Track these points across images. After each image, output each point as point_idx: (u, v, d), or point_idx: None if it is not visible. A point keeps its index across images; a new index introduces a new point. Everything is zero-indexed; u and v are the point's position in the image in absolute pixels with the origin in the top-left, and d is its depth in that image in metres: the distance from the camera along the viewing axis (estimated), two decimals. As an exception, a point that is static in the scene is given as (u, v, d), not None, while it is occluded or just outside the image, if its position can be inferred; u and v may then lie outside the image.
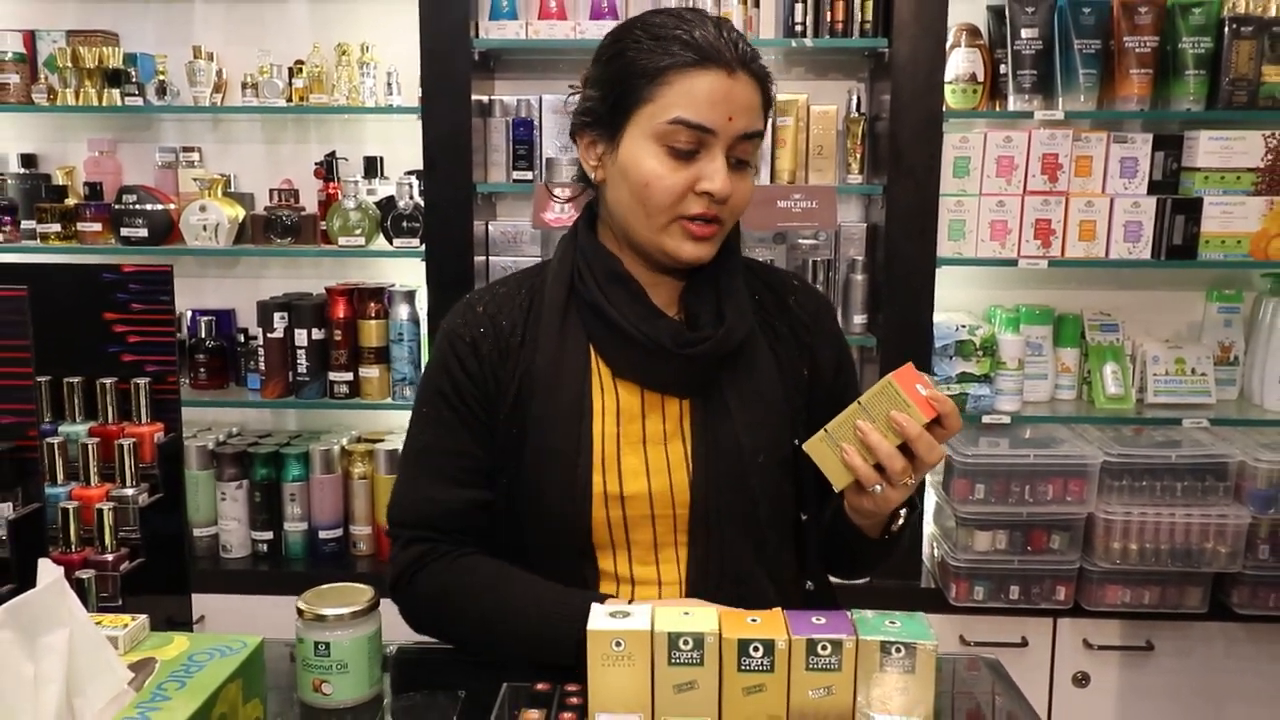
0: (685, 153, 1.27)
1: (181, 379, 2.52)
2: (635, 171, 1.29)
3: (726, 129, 1.27)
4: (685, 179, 1.28)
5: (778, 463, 1.38)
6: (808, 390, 1.44)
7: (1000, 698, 1.32)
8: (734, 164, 1.30)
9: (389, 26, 2.76)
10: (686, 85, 1.26)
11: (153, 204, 2.70)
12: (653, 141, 1.28)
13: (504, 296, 1.43)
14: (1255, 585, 2.47)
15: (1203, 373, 2.67)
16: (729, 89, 1.27)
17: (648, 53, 1.28)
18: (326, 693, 1.23)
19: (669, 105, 1.27)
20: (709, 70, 1.26)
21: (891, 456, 1.22)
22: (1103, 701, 2.56)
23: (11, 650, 0.86)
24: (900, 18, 2.47)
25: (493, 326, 1.39)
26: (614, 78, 1.31)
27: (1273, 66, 2.53)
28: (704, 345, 1.33)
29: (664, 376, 1.36)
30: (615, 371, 1.37)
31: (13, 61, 2.71)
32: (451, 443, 1.38)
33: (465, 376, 1.37)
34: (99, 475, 1.26)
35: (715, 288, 1.38)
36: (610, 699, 1.08)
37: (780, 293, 1.48)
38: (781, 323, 1.45)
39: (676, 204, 1.29)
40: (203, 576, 2.63)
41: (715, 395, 1.36)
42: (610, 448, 1.35)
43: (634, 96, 1.29)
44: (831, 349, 1.48)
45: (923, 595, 2.58)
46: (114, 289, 1.29)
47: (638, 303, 1.35)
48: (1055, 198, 2.59)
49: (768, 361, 1.41)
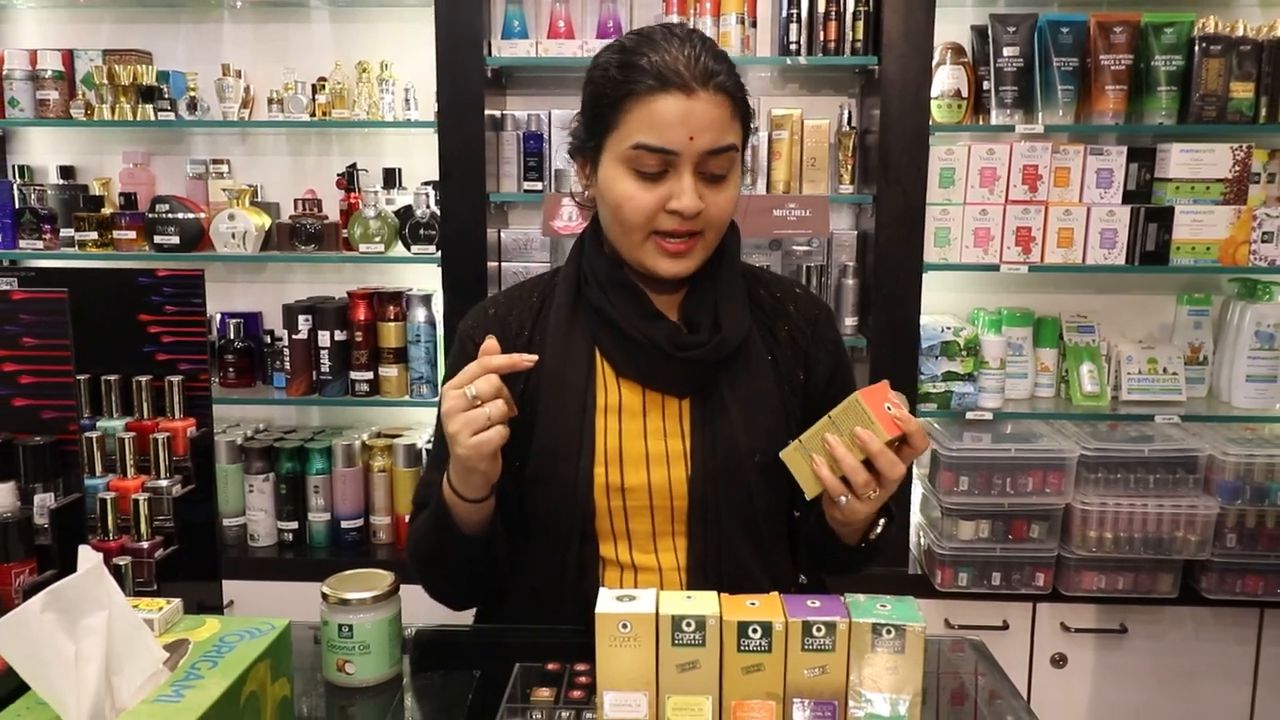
0: (653, 175, 1.26)
1: (212, 377, 2.54)
2: (609, 193, 1.29)
3: (689, 148, 1.25)
4: (655, 199, 1.26)
5: (773, 461, 1.37)
6: (804, 393, 1.43)
7: (983, 677, 1.32)
8: (709, 179, 1.28)
9: (407, 45, 2.77)
10: (646, 111, 1.25)
11: (184, 213, 2.71)
12: (622, 165, 1.28)
13: (515, 300, 1.45)
14: (1223, 572, 2.47)
15: (1174, 372, 2.67)
16: (687, 110, 1.24)
17: (612, 81, 1.27)
18: (349, 672, 1.23)
19: (631, 131, 1.26)
20: (667, 94, 1.24)
21: (855, 470, 1.20)
22: (1079, 681, 2.56)
23: (54, 631, 0.86)
24: (889, 37, 2.47)
25: (501, 328, 1.40)
26: (588, 104, 1.32)
27: (1240, 83, 2.53)
28: (698, 350, 1.33)
29: (663, 376, 1.36)
30: (618, 371, 1.37)
31: (52, 79, 2.71)
32: None
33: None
34: (135, 468, 1.26)
35: (714, 294, 1.37)
36: (617, 678, 1.08)
37: (781, 299, 1.47)
38: (780, 328, 1.44)
39: (649, 222, 1.28)
40: (232, 563, 2.64)
41: (714, 395, 1.36)
42: (613, 442, 1.35)
43: (603, 123, 1.29)
44: (829, 355, 1.46)
45: (910, 581, 2.59)
46: (148, 292, 1.29)
47: (639, 306, 1.35)
48: (1035, 207, 2.58)
49: (765, 365, 1.40)
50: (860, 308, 2.66)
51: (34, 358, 1.05)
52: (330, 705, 1.22)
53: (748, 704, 1.08)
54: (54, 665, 0.85)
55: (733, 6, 2.57)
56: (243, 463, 2.71)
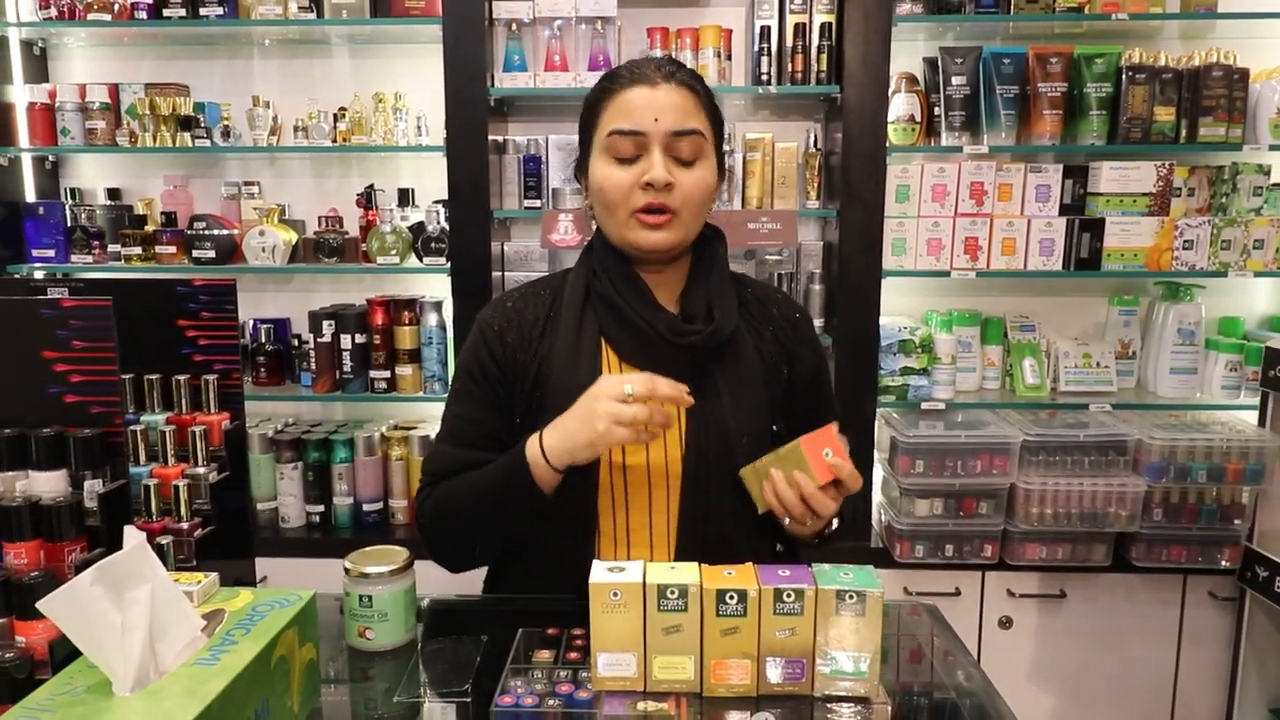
0: (629, 159, 1.31)
1: (244, 376, 2.53)
2: (594, 181, 1.35)
3: (655, 129, 1.30)
4: (631, 177, 1.31)
5: (758, 443, 1.38)
6: (787, 385, 1.44)
7: (938, 638, 1.32)
8: (679, 162, 1.32)
9: (418, 78, 2.76)
10: (618, 103, 1.32)
11: (219, 230, 2.70)
12: (603, 154, 1.33)
13: (530, 294, 1.46)
14: (1150, 542, 2.48)
15: (1106, 365, 2.68)
16: (652, 96, 1.31)
17: (595, 92, 1.36)
18: (369, 638, 1.23)
19: (607, 122, 1.33)
20: (635, 87, 1.32)
21: (793, 504, 1.26)
22: (1023, 641, 2.57)
23: (102, 603, 0.86)
24: (850, 68, 2.48)
25: (518, 318, 1.42)
26: (580, 123, 1.39)
27: (1163, 107, 2.54)
28: (695, 337, 1.34)
29: (663, 362, 1.34)
30: (622, 357, 1.38)
31: (100, 110, 2.70)
32: (471, 411, 1.41)
33: (490, 359, 1.40)
34: (175, 457, 1.26)
35: (707, 291, 1.39)
36: (609, 640, 1.09)
37: (765, 302, 1.49)
38: (765, 327, 1.46)
39: (628, 199, 1.32)
40: (264, 543, 2.63)
41: (708, 382, 1.37)
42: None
43: (589, 128, 1.37)
44: (809, 353, 1.48)
45: (872, 553, 2.59)
46: (186, 300, 1.28)
47: (643, 298, 1.36)
48: (981, 219, 2.59)
49: (753, 357, 1.41)
50: (826, 310, 2.67)
51: (83, 358, 1.05)
52: (352, 667, 1.22)
53: (726, 663, 1.09)
54: (103, 633, 0.85)
55: (710, 41, 2.58)
56: (274, 453, 2.71)
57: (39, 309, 1.04)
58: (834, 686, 1.09)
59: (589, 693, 1.08)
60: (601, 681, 1.09)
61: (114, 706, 0.82)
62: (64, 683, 0.86)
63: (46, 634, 0.96)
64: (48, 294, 1.09)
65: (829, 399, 1.51)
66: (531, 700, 1.06)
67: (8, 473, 1.04)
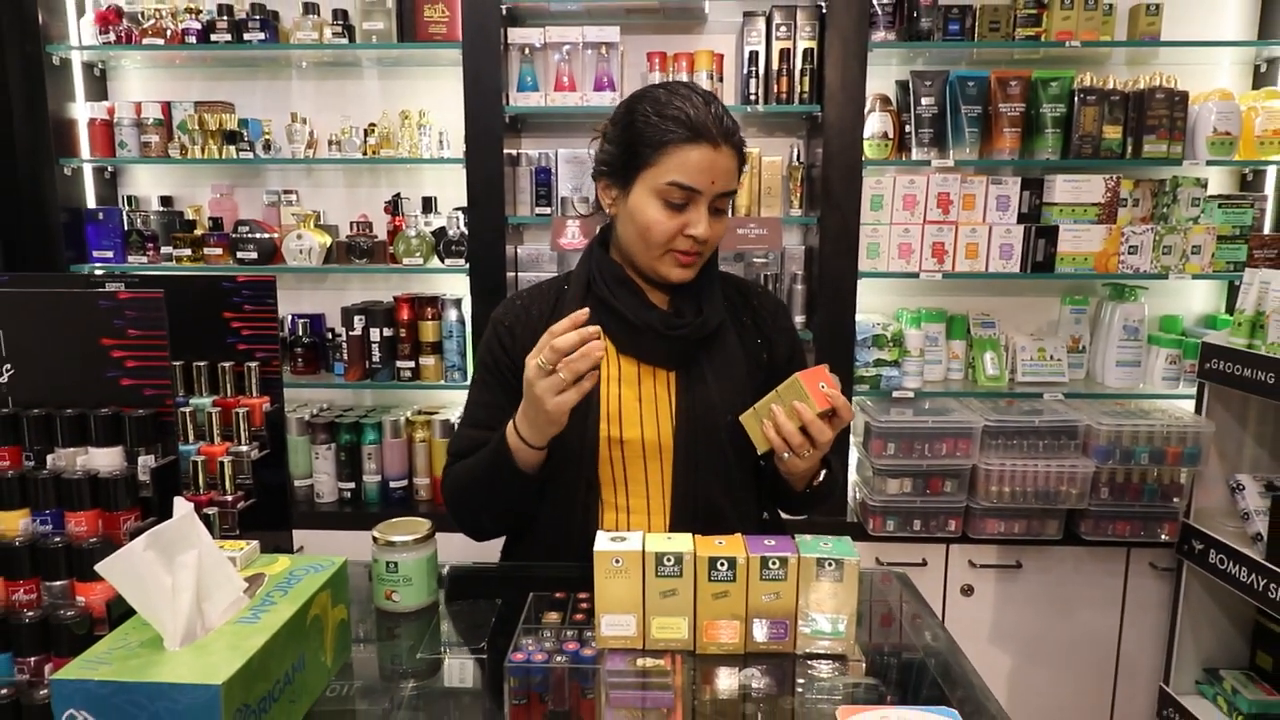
0: (677, 205, 1.29)
1: (283, 366, 2.53)
2: (640, 216, 1.31)
3: (709, 190, 1.29)
4: (677, 225, 1.30)
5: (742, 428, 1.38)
6: (767, 368, 1.45)
7: (907, 603, 1.32)
8: (713, 212, 1.32)
9: (440, 97, 2.76)
10: (681, 156, 1.27)
11: (261, 233, 2.69)
12: (653, 196, 1.29)
13: (536, 294, 1.47)
14: (1097, 518, 2.48)
15: (1058, 359, 2.68)
16: (713, 160, 1.28)
17: (653, 126, 1.29)
18: (395, 600, 1.22)
19: (667, 170, 1.28)
20: (699, 145, 1.27)
21: (792, 434, 1.23)
22: (983, 607, 2.57)
23: (154, 566, 0.85)
24: (829, 89, 2.47)
25: (525, 314, 1.42)
26: (627, 142, 1.32)
27: (1111, 126, 2.53)
28: (684, 329, 1.35)
29: (655, 352, 1.37)
30: (618, 349, 1.38)
31: (154, 126, 2.69)
32: (487, 397, 1.42)
33: (501, 351, 1.41)
34: (220, 436, 1.26)
35: (697, 290, 1.39)
36: (611, 603, 1.08)
37: (747, 296, 1.50)
38: (746, 317, 1.47)
39: (669, 242, 1.31)
40: (301, 516, 2.63)
41: (695, 368, 1.38)
42: (614, 404, 1.36)
43: (641, 159, 1.30)
44: (785, 339, 1.49)
45: (848, 527, 2.59)
46: (231, 295, 1.28)
47: (636, 299, 1.37)
48: (947, 226, 2.59)
49: (735, 345, 1.42)
50: (807, 308, 2.66)
51: (137, 346, 1.04)
52: (380, 627, 1.22)
53: (716, 623, 1.09)
54: (155, 593, 0.85)
55: (704, 65, 2.57)
56: (310, 435, 2.70)
57: (98, 300, 1.03)
58: (814, 645, 1.09)
59: (593, 650, 1.07)
60: (604, 640, 1.09)
61: (165, 659, 0.82)
62: (120, 638, 0.86)
63: (104, 594, 0.96)
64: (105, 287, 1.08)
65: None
66: (541, 657, 1.06)
67: (69, 449, 1.04)
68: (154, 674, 0.79)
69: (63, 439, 1.04)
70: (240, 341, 1.29)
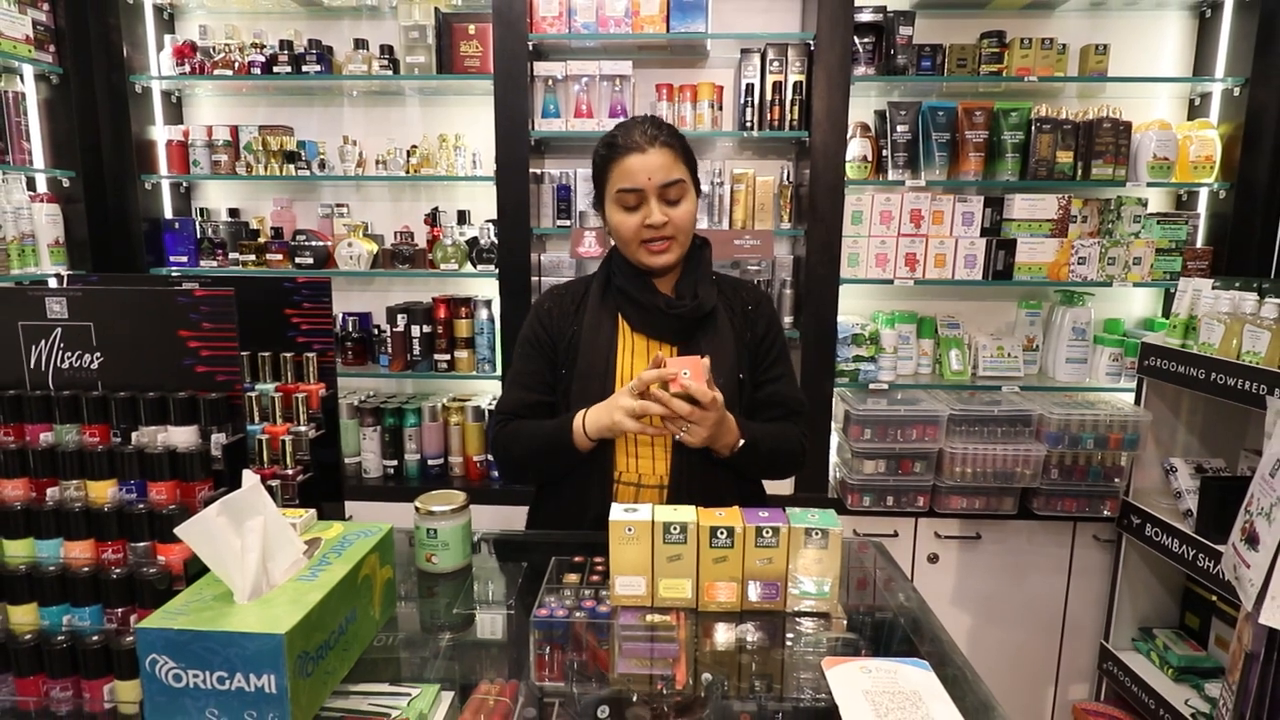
0: (633, 206, 1.41)
1: (336, 358, 2.53)
2: (611, 223, 1.45)
3: (649, 185, 1.40)
4: (637, 220, 1.41)
5: (729, 386, 1.46)
6: (754, 346, 1.53)
7: (881, 569, 1.32)
8: (668, 202, 1.41)
9: (474, 122, 2.75)
10: (620, 168, 1.41)
11: (316, 242, 2.69)
12: (615, 205, 1.43)
13: (569, 288, 1.58)
14: (1048, 496, 2.47)
15: (1015, 356, 2.66)
16: (644, 161, 1.39)
17: (600, 157, 1.45)
18: (434, 563, 1.22)
19: (615, 182, 1.42)
20: (629, 154, 1.40)
21: (657, 411, 1.30)
22: (947, 573, 2.56)
23: (225, 530, 0.85)
24: (816, 117, 2.45)
25: (560, 303, 1.54)
26: (593, 175, 1.48)
27: (1064, 151, 2.51)
28: (683, 308, 1.45)
29: (661, 329, 1.47)
30: (632, 326, 1.49)
31: (224, 146, 2.69)
32: (529, 365, 1.52)
33: (541, 328, 1.53)
34: (282, 418, 1.26)
35: (694, 281, 1.49)
36: (624, 566, 1.08)
37: (737, 289, 1.58)
38: (736, 305, 1.55)
39: (637, 235, 1.42)
40: (351, 489, 2.63)
41: (693, 344, 1.47)
42: (627, 373, 1.46)
43: (602, 182, 1.46)
44: (764, 320, 1.56)
45: (829, 502, 2.58)
46: (291, 294, 1.28)
47: (646, 287, 1.47)
48: (919, 238, 2.57)
49: (726, 327, 1.51)
50: (795, 310, 2.65)
51: (210, 337, 1.04)
52: (421, 586, 1.22)
53: (716, 584, 1.08)
54: (226, 554, 0.85)
55: (705, 95, 2.55)
56: (358, 418, 2.70)
57: (176, 297, 1.03)
58: (801, 604, 1.09)
59: (608, 607, 1.07)
60: (618, 598, 1.09)
61: (235, 611, 0.82)
62: (195, 592, 0.86)
63: (181, 554, 0.96)
64: (182, 286, 1.08)
65: (783, 358, 1.56)
66: (562, 613, 1.06)
67: (151, 427, 1.04)
68: (225, 624, 0.79)
69: (145, 418, 1.04)
70: (299, 335, 1.29)
